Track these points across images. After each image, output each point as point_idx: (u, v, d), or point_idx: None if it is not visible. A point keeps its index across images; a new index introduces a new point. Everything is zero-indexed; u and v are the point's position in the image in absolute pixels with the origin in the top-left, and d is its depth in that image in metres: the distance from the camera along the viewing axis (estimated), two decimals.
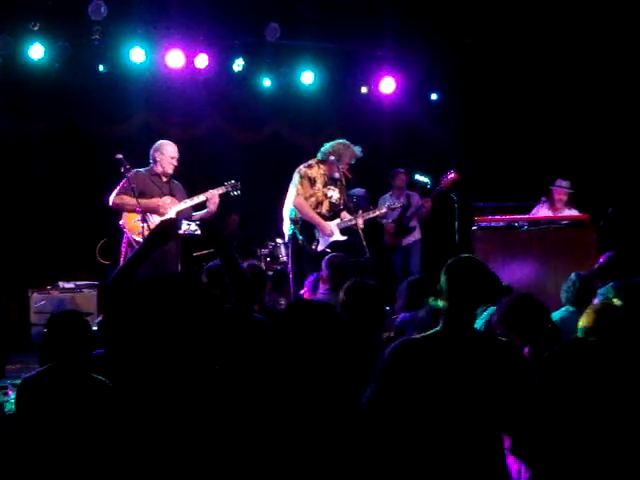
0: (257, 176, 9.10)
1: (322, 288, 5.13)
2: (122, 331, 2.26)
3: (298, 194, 6.42)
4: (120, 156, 6.32)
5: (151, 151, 6.52)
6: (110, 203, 6.38)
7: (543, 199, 7.78)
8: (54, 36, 7.71)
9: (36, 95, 8.04)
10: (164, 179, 6.53)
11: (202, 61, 8.39)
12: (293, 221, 6.57)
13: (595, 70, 8.87)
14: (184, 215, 6.47)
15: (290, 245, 6.61)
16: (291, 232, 6.53)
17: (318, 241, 6.45)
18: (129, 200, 6.27)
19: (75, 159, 8.46)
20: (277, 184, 6.62)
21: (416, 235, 8.48)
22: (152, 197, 6.39)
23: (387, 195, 8.49)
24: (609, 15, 8.26)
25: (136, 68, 8.17)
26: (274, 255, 8.03)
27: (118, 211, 6.39)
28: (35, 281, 7.79)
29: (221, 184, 6.66)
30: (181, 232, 6.69)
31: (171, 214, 6.37)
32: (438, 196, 7.95)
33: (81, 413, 3.08)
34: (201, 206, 6.58)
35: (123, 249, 6.42)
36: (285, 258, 7.86)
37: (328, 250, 6.42)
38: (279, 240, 7.95)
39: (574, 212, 7.50)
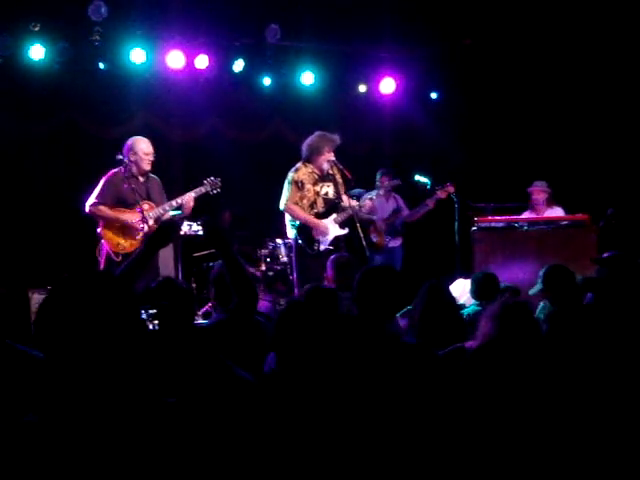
0: (257, 176, 9.11)
1: None
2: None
3: (287, 200, 6.42)
4: (121, 157, 6.34)
5: (123, 151, 6.21)
6: (87, 210, 6.12)
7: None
8: (54, 37, 7.69)
9: (36, 96, 8.02)
10: (141, 179, 6.24)
11: (202, 62, 8.38)
12: (293, 225, 6.58)
13: (595, 69, 8.88)
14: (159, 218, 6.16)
15: (293, 248, 6.59)
16: (295, 236, 6.53)
17: (318, 241, 6.43)
18: (105, 212, 6.08)
19: (75, 160, 8.47)
20: (277, 184, 6.62)
21: (400, 239, 8.22)
22: (128, 204, 6.11)
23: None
24: (608, 15, 8.27)
25: (136, 69, 8.15)
26: (274, 255, 8.02)
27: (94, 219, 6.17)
28: (35, 281, 7.78)
29: (201, 183, 6.41)
30: (182, 233, 6.67)
31: (150, 222, 6.04)
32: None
33: None
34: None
35: (102, 261, 6.12)
36: (285, 258, 7.86)
37: (331, 247, 6.41)
38: (279, 240, 7.95)
39: (559, 210, 7.46)
